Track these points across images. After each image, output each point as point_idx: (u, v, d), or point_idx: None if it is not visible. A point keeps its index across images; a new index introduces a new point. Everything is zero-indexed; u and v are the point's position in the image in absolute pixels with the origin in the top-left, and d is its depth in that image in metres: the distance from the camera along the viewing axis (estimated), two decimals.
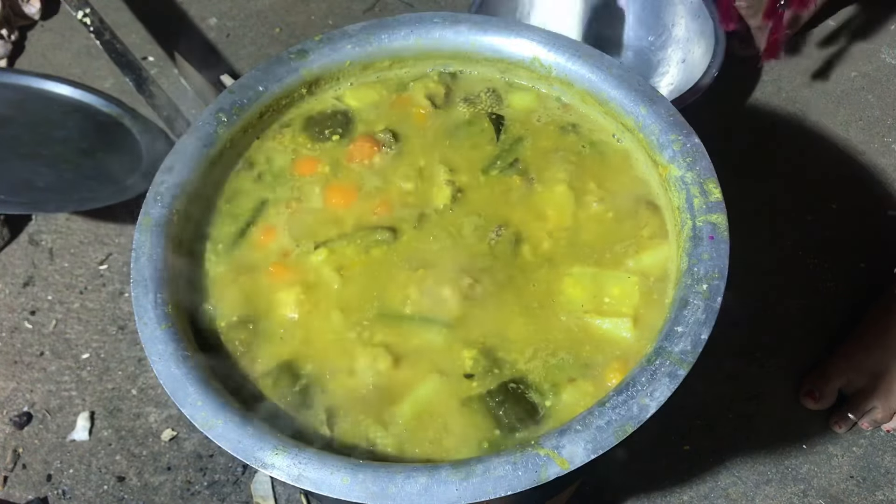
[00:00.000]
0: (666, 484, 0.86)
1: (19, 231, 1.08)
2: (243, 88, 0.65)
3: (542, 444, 0.47)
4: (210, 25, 1.33)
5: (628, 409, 0.48)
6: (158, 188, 0.59)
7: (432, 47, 0.69)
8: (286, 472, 0.47)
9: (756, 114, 1.18)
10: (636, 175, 0.64)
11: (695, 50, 1.07)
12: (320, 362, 0.55)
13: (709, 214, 0.56)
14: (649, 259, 0.59)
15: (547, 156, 0.65)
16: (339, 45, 0.68)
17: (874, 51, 1.25)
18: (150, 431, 0.91)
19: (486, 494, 0.45)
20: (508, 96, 0.69)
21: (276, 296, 0.58)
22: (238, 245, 0.61)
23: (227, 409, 0.49)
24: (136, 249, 0.56)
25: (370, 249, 0.60)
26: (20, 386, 0.95)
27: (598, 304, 0.57)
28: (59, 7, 1.34)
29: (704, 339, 0.50)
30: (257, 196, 0.64)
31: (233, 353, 0.56)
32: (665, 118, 0.61)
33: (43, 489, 0.88)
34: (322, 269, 0.59)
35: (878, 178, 1.10)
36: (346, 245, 0.60)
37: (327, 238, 0.61)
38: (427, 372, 0.54)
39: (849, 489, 0.86)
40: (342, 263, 0.59)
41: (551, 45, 0.66)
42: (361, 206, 0.63)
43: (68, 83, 1.14)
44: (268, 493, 0.86)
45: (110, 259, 1.06)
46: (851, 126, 1.16)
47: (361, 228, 0.61)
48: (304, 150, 0.66)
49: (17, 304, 1.02)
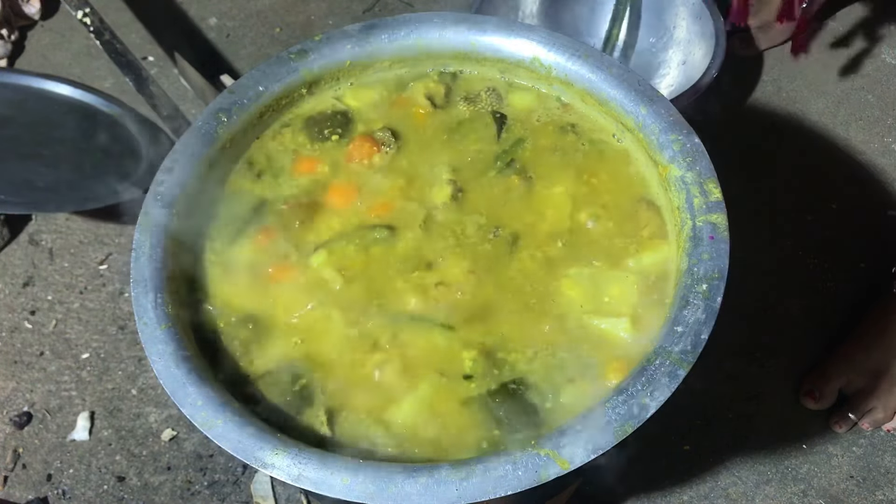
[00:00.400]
0: (666, 484, 0.86)
1: (19, 231, 1.08)
2: (243, 88, 0.65)
3: (542, 444, 0.47)
4: (210, 25, 1.33)
5: (628, 409, 0.48)
6: (158, 188, 0.59)
7: (432, 47, 0.69)
8: (286, 472, 0.47)
9: (756, 114, 1.18)
10: (636, 175, 0.63)
11: (695, 51, 1.07)
12: (320, 363, 0.55)
13: (709, 214, 0.56)
14: (649, 259, 0.59)
15: (547, 155, 0.65)
16: (339, 45, 0.68)
17: (874, 51, 1.25)
18: (150, 431, 0.91)
19: (486, 494, 0.45)
20: (508, 96, 0.69)
21: (275, 296, 0.58)
22: (237, 245, 0.61)
23: (227, 409, 0.49)
24: (136, 249, 0.56)
25: (369, 248, 0.60)
26: (20, 386, 0.95)
27: (597, 305, 0.57)
28: (59, 7, 1.34)
29: (704, 339, 0.50)
30: (257, 196, 0.64)
31: (233, 353, 0.56)
32: (665, 118, 0.61)
33: (43, 489, 0.88)
34: (323, 270, 0.59)
35: (878, 178, 1.10)
36: (346, 245, 0.60)
37: (327, 238, 0.61)
38: (427, 372, 0.54)
39: (849, 489, 0.86)
40: (343, 264, 0.59)
41: (551, 45, 0.66)
42: (360, 206, 0.63)
43: (68, 83, 1.14)
44: (268, 493, 0.86)
45: (110, 259, 1.06)
46: (851, 126, 1.16)
47: (361, 228, 0.61)
48: (304, 150, 0.66)
49: (17, 304, 1.02)
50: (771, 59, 1.24)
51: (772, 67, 1.23)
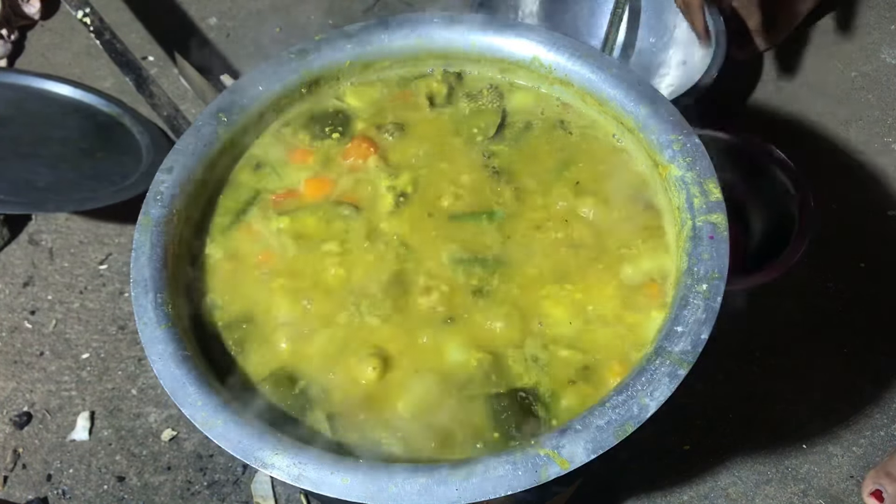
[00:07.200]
0: (666, 484, 0.86)
1: (19, 231, 1.08)
2: (243, 88, 0.66)
3: (542, 444, 0.47)
4: (210, 25, 1.33)
5: (628, 409, 0.48)
6: (158, 188, 0.59)
7: (432, 47, 0.69)
8: (286, 472, 0.47)
9: (756, 114, 1.18)
10: (636, 175, 0.63)
11: (695, 51, 1.07)
12: (317, 358, 0.55)
13: (709, 214, 0.56)
14: (649, 259, 0.59)
15: (546, 155, 0.65)
16: (339, 45, 0.68)
17: (874, 51, 1.25)
18: (150, 431, 0.91)
19: (486, 494, 0.45)
20: (508, 96, 0.69)
21: (270, 290, 0.58)
22: (232, 235, 0.61)
23: (227, 409, 0.49)
24: (136, 249, 0.56)
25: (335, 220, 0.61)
26: (20, 386, 0.95)
27: (584, 315, 0.57)
28: (59, 7, 1.34)
29: (704, 339, 0.50)
30: (252, 188, 0.64)
31: (232, 352, 0.56)
32: (665, 118, 0.61)
33: (43, 489, 0.88)
34: (284, 239, 0.60)
35: (878, 178, 1.10)
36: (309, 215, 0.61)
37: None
38: (427, 372, 0.54)
39: (849, 489, 0.86)
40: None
41: (551, 45, 0.66)
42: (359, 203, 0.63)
43: (68, 83, 1.14)
44: (268, 493, 0.86)
45: (110, 259, 1.05)
46: (851, 126, 1.16)
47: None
48: (303, 148, 0.66)
49: (17, 304, 1.02)
50: (771, 59, 1.24)
51: (772, 67, 1.23)
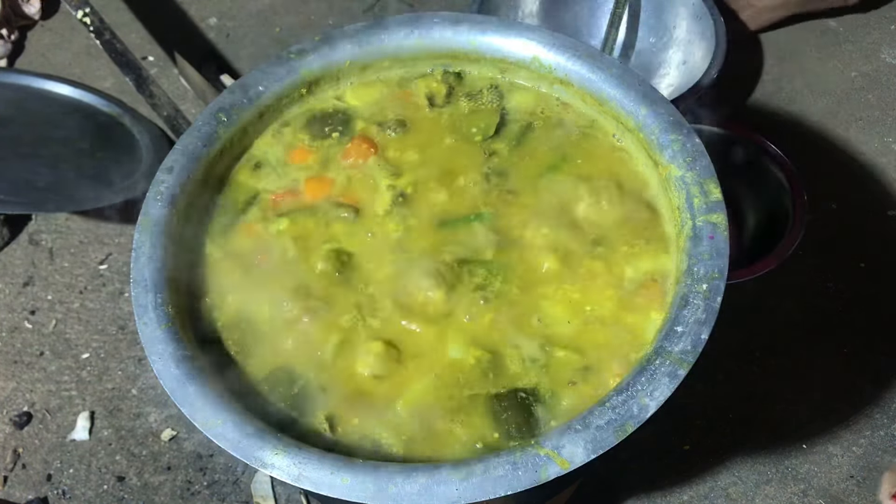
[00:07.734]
0: (666, 484, 0.86)
1: (19, 231, 1.08)
2: (243, 88, 0.65)
3: (542, 444, 0.47)
4: (210, 25, 1.33)
5: (628, 409, 0.48)
6: (158, 188, 0.59)
7: (432, 47, 0.69)
8: (286, 472, 0.47)
9: (756, 114, 1.18)
10: (636, 175, 0.63)
11: (695, 52, 1.07)
12: (316, 358, 0.55)
13: (709, 214, 0.56)
14: (649, 259, 0.59)
15: (546, 155, 0.65)
16: (338, 45, 0.68)
17: (874, 51, 1.25)
18: (150, 431, 0.91)
19: (486, 494, 0.45)
20: (508, 95, 0.69)
21: (270, 290, 0.58)
22: (231, 235, 0.61)
23: (227, 409, 0.49)
24: (136, 249, 0.56)
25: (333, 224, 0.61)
26: (20, 386, 0.95)
27: (583, 315, 0.57)
28: (59, 7, 1.34)
29: (704, 339, 0.50)
30: (252, 188, 0.64)
31: (232, 352, 0.56)
32: (665, 118, 0.61)
33: (43, 489, 0.88)
34: (284, 240, 0.60)
35: (878, 178, 1.10)
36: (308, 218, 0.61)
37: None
38: (426, 372, 0.54)
39: (849, 489, 0.86)
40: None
41: (551, 45, 0.66)
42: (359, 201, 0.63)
43: (68, 83, 1.14)
44: (268, 493, 0.86)
45: (110, 259, 1.06)
46: (851, 126, 1.16)
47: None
48: (303, 147, 0.66)
49: (17, 304, 1.02)
50: (771, 59, 1.24)
51: (772, 67, 1.23)
